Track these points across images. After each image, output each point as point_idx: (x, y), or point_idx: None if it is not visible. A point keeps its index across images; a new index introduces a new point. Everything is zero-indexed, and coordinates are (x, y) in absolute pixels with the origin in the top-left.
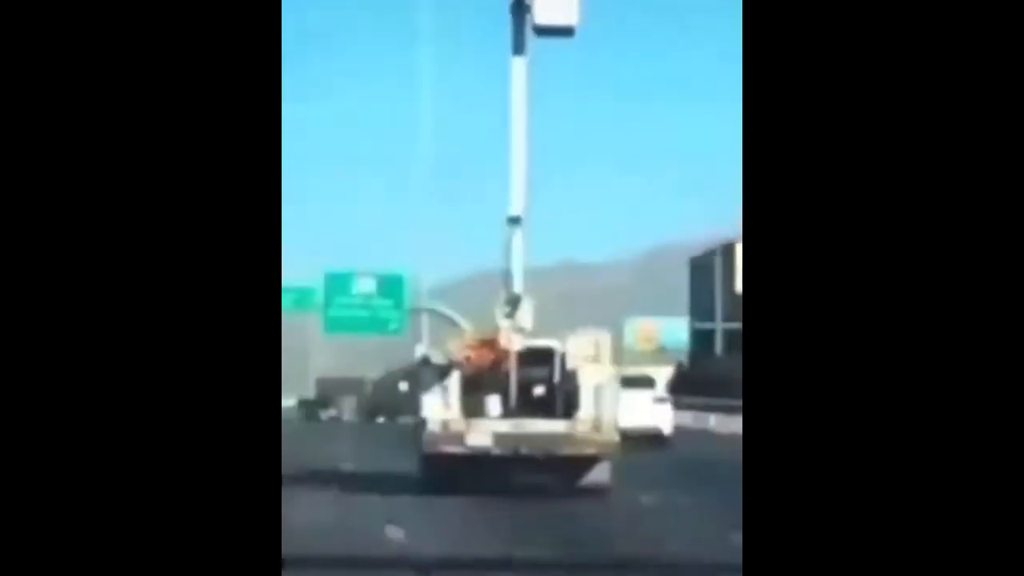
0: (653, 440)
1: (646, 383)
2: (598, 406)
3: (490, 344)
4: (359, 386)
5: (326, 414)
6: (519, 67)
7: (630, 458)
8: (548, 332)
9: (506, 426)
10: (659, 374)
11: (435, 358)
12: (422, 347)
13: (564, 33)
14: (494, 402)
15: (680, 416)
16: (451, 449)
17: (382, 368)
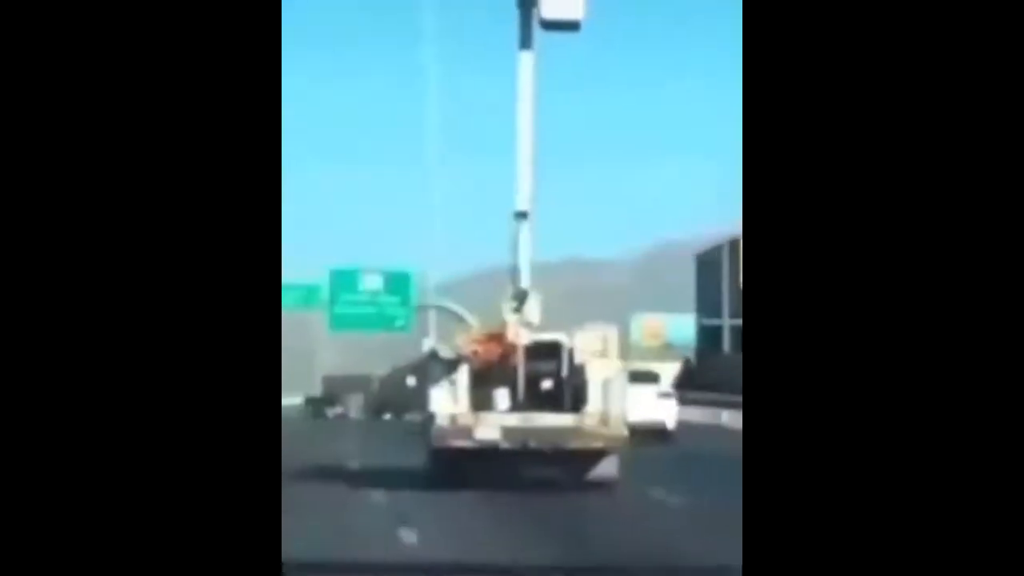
0: (657, 435)
1: (651, 378)
2: (606, 400)
3: (498, 338)
4: (366, 383)
5: (332, 412)
6: (526, 61)
7: (638, 452)
8: (554, 328)
9: (514, 420)
10: (666, 370)
11: (443, 352)
12: (430, 341)
13: (570, 27)
14: (502, 396)
15: (689, 412)
16: (459, 443)
17: (389, 365)
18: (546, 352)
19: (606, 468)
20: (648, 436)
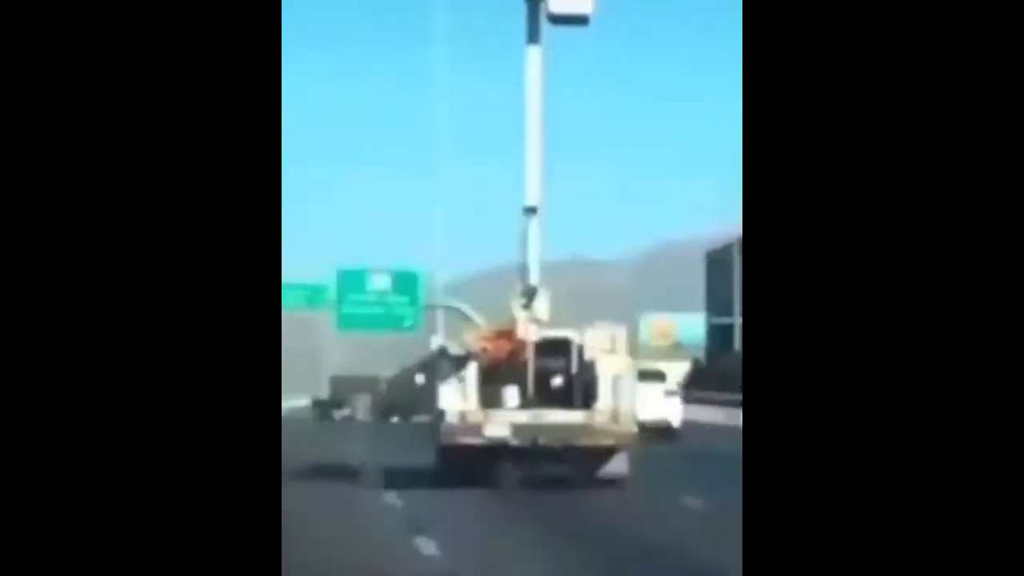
0: (663, 433)
1: (657, 377)
2: (616, 397)
3: (507, 335)
4: (373, 384)
5: (340, 414)
6: (534, 56)
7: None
8: (561, 328)
9: (524, 417)
10: (673, 370)
11: (452, 349)
12: (438, 339)
13: (579, 22)
14: (511, 393)
15: (702, 412)
16: (469, 440)
17: (397, 366)
18: (556, 349)
19: (616, 466)
20: (654, 434)
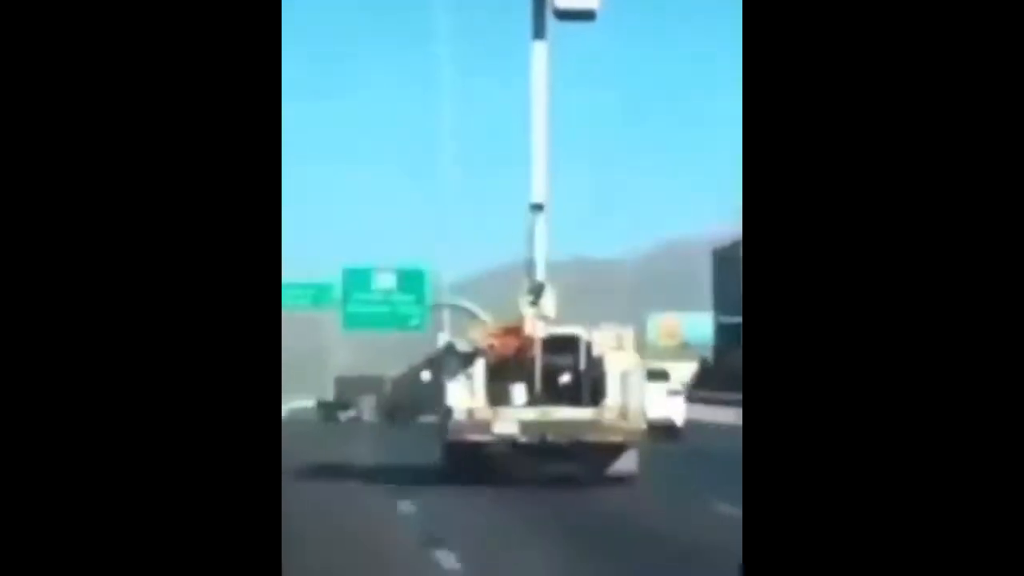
0: (667, 432)
1: (660, 376)
2: (625, 393)
3: (514, 332)
4: (379, 384)
5: (345, 416)
6: (540, 52)
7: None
8: (568, 325)
9: (533, 414)
10: (679, 369)
11: (460, 346)
12: (445, 335)
13: (585, 17)
14: (519, 390)
15: (709, 412)
16: (477, 437)
17: (403, 366)
18: (563, 345)
19: (626, 463)
20: (658, 433)
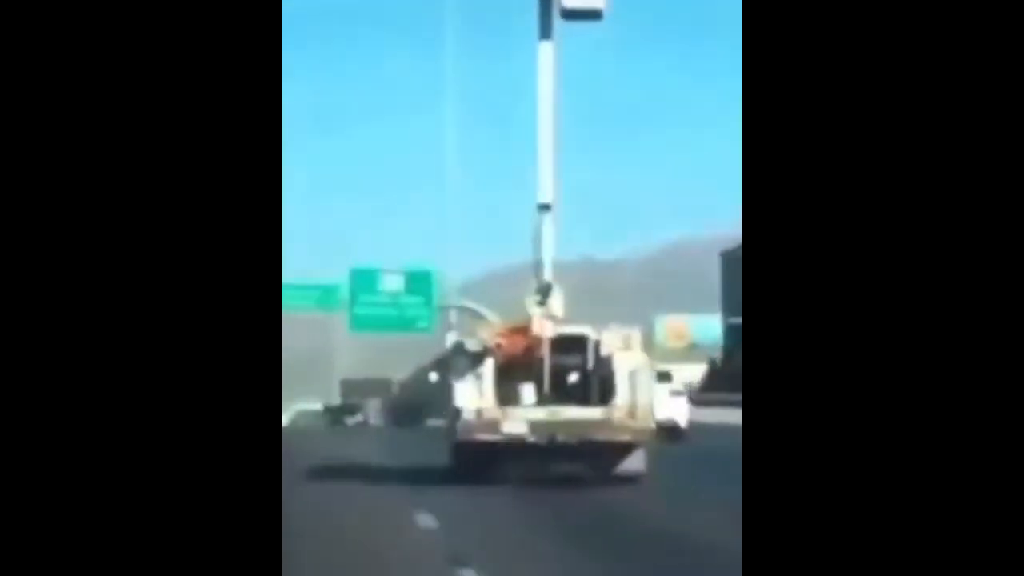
0: (670, 433)
1: (663, 377)
2: (633, 392)
3: (522, 331)
4: (386, 387)
5: (353, 420)
6: (546, 52)
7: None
8: (576, 325)
9: (542, 413)
10: (690, 371)
11: (469, 345)
12: (454, 337)
13: (592, 16)
14: (528, 390)
15: (717, 414)
16: (486, 437)
17: (410, 368)
18: (571, 345)
19: (634, 462)
20: (660, 434)
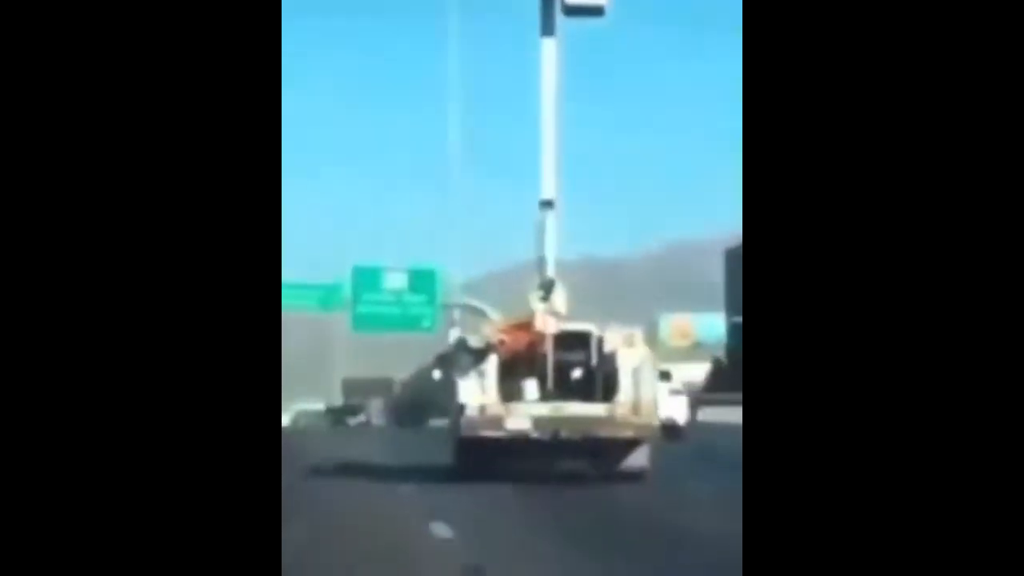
0: (669, 431)
1: (663, 376)
2: (637, 388)
3: (525, 328)
4: (388, 386)
5: (355, 420)
6: (549, 49)
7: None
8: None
9: (545, 409)
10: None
11: (472, 342)
12: (457, 331)
13: (594, 13)
14: (531, 386)
15: (721, 413)
16: (490, 433)
17: (414, 368)
18: (575, 341)
19: (637, 459)
20: (660, 432)
